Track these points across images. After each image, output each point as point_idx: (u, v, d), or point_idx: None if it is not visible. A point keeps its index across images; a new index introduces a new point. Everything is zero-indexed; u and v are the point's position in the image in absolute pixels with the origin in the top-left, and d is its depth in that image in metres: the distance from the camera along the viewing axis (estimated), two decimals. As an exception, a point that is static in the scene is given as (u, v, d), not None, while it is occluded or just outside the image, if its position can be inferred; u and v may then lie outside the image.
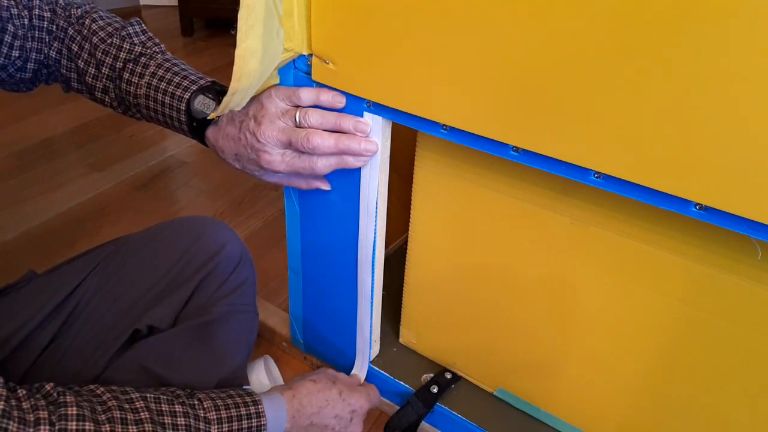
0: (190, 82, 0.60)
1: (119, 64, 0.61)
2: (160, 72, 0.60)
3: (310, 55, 0.57)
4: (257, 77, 0.51)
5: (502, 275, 0.64)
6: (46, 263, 0.65)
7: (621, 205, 0.52)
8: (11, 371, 0.57)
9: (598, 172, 0.46)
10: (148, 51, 0.62)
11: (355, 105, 0.57)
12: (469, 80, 0.48)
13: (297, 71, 0.59)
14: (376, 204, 0.63)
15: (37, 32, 0.62)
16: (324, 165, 0.57)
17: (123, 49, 0.61)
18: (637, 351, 0.58)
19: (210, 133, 0.59)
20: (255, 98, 0.57)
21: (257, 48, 0.48)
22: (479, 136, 0.50)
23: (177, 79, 0.60)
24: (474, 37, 0.46)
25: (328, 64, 0.56)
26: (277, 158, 0.56)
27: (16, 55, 0.61)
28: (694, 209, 0.43)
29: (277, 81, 0.58)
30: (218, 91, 0.59)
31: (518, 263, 0.62)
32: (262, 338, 0.91)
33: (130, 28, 0.63)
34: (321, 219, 0.69)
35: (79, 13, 0.64)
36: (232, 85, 0.50)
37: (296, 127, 0.56)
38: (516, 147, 0.49)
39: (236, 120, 0.57)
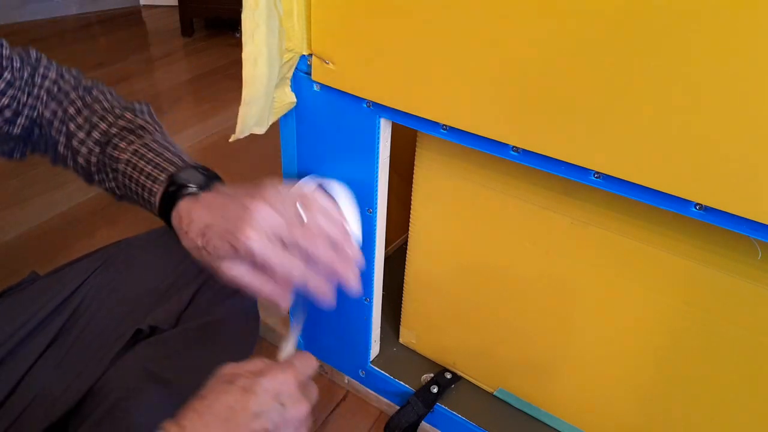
0: (185, 159, 0.56)
1: (113, 130, 0.57)
2: (154, 146, 0.56)
3: (310, 55, 0.57)
4: (266, 81, 0.51)
5: (502, 275, 0.64)
6: (46, 263, 0.65)
7: (621, 205, 0.52)
8: (12, 370, 0.57)
9: (598, 172, 0.46)
10: (150, 127, 0.58)
11: (355, 105, 0.57)
12: (469, 80, 0.48)
13: (297, 71, 0.59)
14: (377, 204, 0.63)
15: (36, 89, 0.59)
16: (300, 274, 0.48)
17: (123, 119, 0.58)
18: (636, 351, 0.58)
19: (184, 202, 0.51)
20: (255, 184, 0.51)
21: (263, 49, 0.49)
22: (479, 136, 0.50)
23: (172, 151, 0.56)
24: (474, 38, 0.46)
25: (328, 64, 0.56)
26: (257, 237, 0.46)
27: (5, 103, 0.56)
28: (694, 209, 0.43)
29: (294, 99, 0.58)
30: (212, 175, 0.54)
31: (518, 263, 0.62)
32: (262, 338, 0.91)
33: (136, 105, 0.60)
34: (321, 219, 0.69)
35: (89, 84, 0.61)
36: (244, 92, 0.49)
37: (297, 221, 0.50)
38: (516, 147, 0.49)
39: (226, 192, 0.51)
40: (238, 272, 0.49)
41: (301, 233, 0.47)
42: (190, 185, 0.52)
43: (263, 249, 0.46)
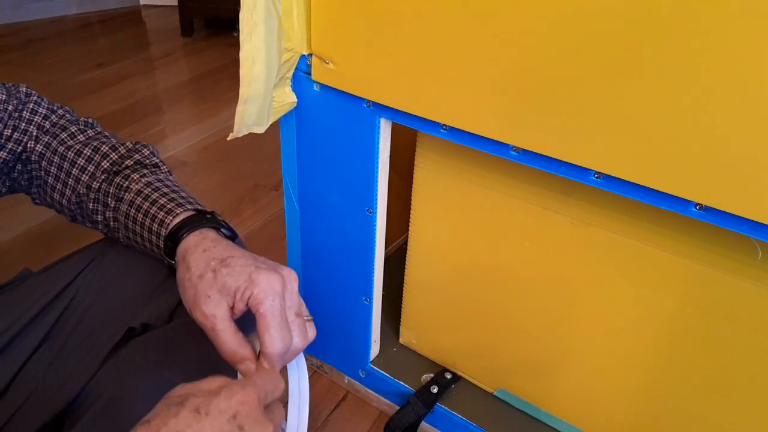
0: (195, 203, 0.55)
1: (127, 162, 0.57)
2: (169, 183, 0.56)
3: (310, 54, 0.57)
4: (264, 80, 0.51)
5: (502, 275, 0.64)
6: (45, 263, 0.65)
7: (621, 205, 0.52)
8: (4, 368, 0.56)
9: (598, 172, 0.46)
10: (164, 167, 0.58)
11: (355, 105, 0.57)
12: (469, 80, 0.48)
13: (297, 71, 0.59)
14: (377, 204, 0.63)
15: (23, 124, 0.57)
16: (282, 349, 0.49)
17: (139, 153, 0.57)
18: (636, 351, 0.58)
19: (193, 237, 0.51)
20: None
21: (260, 48, 0.48)
22: (479, 136, 0.50)
23: (186, 193, 0.55)
24: (474, 38, 0.46)
25: (327, 64, 0.56)
26: (273, 298, 0.48)
27: None
28: (694, 209, 0.43)
29: (294, 99, 0.58)
30: (223, 224, 0.54)
31: (518, 263, 0.62)
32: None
33: (139, 146, 0.59)
34: (321, 219, 0.69)
35: (91, 121, 0.61)
36: (242, 91, 0.49)
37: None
38: (516, 147, 0.49)
39: (215, 258, 0.50)
40: (220, 314, 0.48)
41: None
42: (221, 221, 0.52)
43: (272, 308, 0.47)
